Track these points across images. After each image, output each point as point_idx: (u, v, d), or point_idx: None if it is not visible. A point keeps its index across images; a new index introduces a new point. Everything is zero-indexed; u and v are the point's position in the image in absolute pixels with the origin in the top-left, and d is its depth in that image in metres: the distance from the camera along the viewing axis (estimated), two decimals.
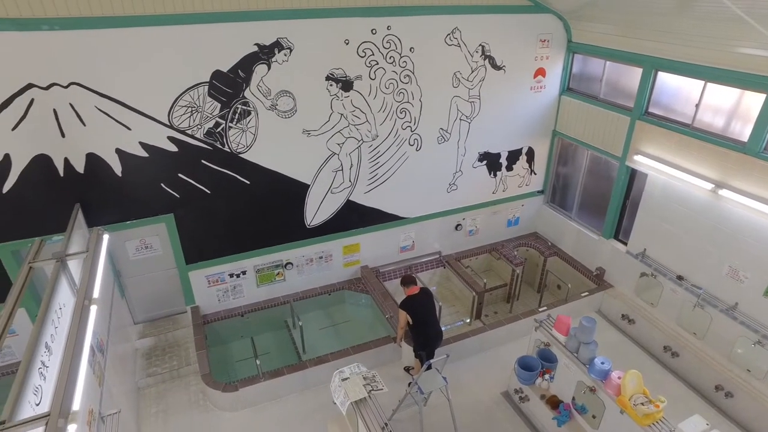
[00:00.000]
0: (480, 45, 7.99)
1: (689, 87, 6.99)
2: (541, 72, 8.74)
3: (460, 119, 8.51)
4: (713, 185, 6.59)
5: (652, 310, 7.90)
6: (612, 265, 8.70)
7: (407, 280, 6.75)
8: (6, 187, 6.10)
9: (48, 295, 4.39)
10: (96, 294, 5.01)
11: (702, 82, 6.73)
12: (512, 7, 7.90)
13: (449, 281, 9.71)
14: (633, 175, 8.14)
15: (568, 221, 9.63)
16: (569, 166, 9.70)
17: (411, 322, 6.58)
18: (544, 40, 8.46)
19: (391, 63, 7.49)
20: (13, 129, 5.85)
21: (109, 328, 6.20)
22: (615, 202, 8.43)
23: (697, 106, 6.87)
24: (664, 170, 7.27)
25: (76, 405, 3.52)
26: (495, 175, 9.45)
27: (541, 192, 10.17)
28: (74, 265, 5.28)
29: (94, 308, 4.76)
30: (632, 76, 7.80)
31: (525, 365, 6.50)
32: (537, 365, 6.43)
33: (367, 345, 7.49)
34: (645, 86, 7.46)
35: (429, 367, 6.29)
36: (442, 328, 6.92)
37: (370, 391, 4.97)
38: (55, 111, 5.98)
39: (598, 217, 9.08)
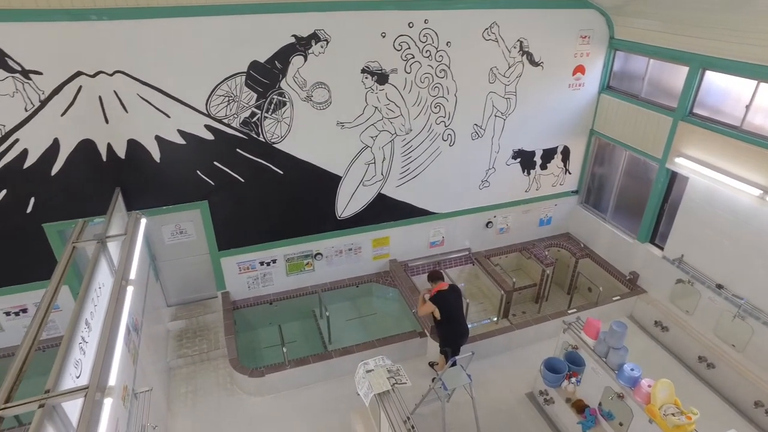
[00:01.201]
0: (518, 40, 7.84)
1: (739, 87, 6.68)
2: (580, 69, 8.52)
3: (495, 115, 8.39)
4: (761, 191, 6.30)
5: (687, 318, 7.65)
6: (646, 269, 8.45)
7: (435, 276, 6.71)
8: (54, 170, 6.38)
9: (89, 275, 4.57)
10: (133, 275, 5.18)
11: (754, 82, 6.42)
12: (553, 2, 7.72)
13: (478, 279, 9.63)
14: (673, 177, 7.87)
15: (603, 223, 9.39)
16: (606, 167, 9.45)
17: (438, 318, 6.56)
18: (585, 36, 8.24)
19: (427, 57, 7.44)
20: (62, 115, 6.11)
21: (143, 309, 6.41)
22: (652, 205, 8.18)
23: (747, 107, 6.56)
24: (707, 174, 7.00)
25: (112, 380, 3.66)
26: (528, 174, 9.29)
27: (576, 192, 9.95)
28: (113, 247, 5.47)
29: (130, 289, 4.93)
30: (677, 74, 7.51)
31: (551, 367, 6.41)
32: (564, 368, 6.33)
33: (393, 338, 7.52)
34: (690, 85, 7.18)
35: (454, 364, 6.27)
36: (469, 326, 6.88)
37: (393, 384, 4.99)
38: (100, 98, 6.19)
39: (633, 220, 8.83)
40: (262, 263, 8.29)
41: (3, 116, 5.91)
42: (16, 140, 6.09)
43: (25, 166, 6.25)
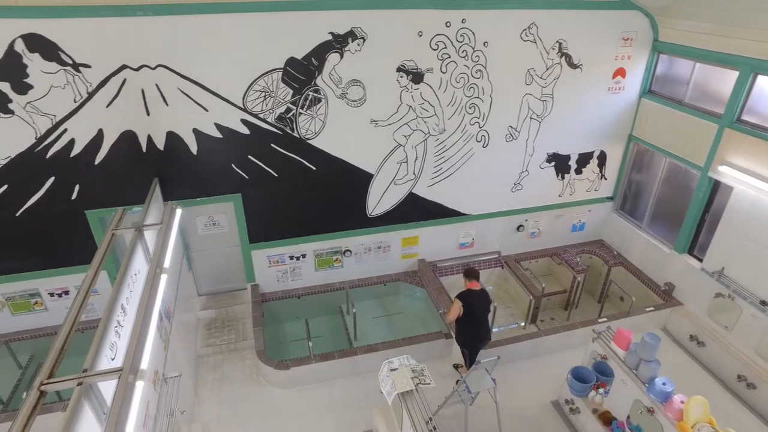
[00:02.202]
0: (557, 42, 7.70)
1: None
2: (620, 72, 8.30)
3: (531, 118, 8.26)
4: None
5: (726, 334, 7.35)
6: (683, 281, 8.16)
7: (472, 274, 6.63)
8: (98, 159, 6.64)
9: (126, 261, 4.72)
10: (167, 264, 5.32)
11: None
12: (595, 2, 7.54)
13: (506, 282, 9.51)
14: (716, 187, 7.58)
15: (638, 231, 9.13)
16: (644, 173, 9.18)
17: (461, 316, 6.50)
18: (627, 39, 8.01)
19: (464, 57, 7.38)
20: (107, 106, 6.34)
21: (176, 297, 6.59)
22: (692, 214, 7.89)
23: None
24: (754, 184, 6.69)
25: (144, 364, 3.77)
26: (563, 178, 9.12)
27: (611, 198, 9.70)
28: (149, 235, 5.63)
29: (164, 277, 5.06)
30: (725, 79, 7.22)
31: (579, 376, 6.27)
32: (591, 377, 6.18)
33: (418, 338, 7.50)
34: (740, 91, 6.89)
35: (474, 362, 6.19)
36: (495, 329, 6.81)
37: (417, 384, 4.98)
38: (142, 91, 6.40)
39: (671, 230, 8.54)
40: (291, 257, 8.40)
41: (54, 107, 6.19)
42: (65, 130, 6.36)
43: (72, 154, 6.53)
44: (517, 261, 9.42)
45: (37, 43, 5.80)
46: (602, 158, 9.15)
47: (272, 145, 7.30)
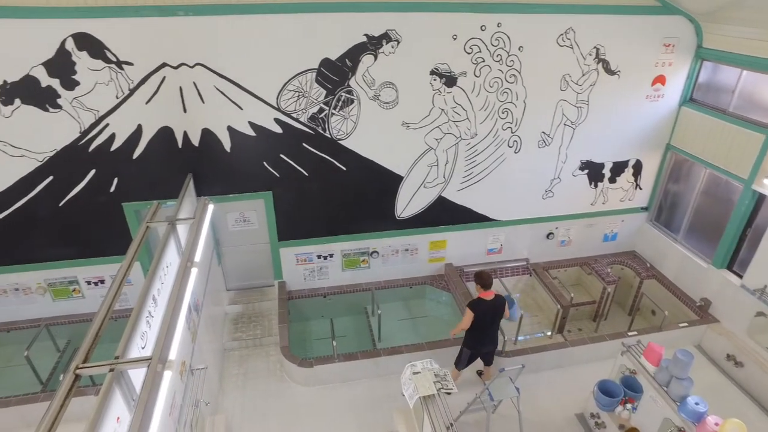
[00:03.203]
0: (594, 47, 7.54)
1: None
2: (660, 79, 8.07)
3: (565, 124, 8.11)
4: None
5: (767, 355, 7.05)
6: (720, 297, 7.86)
7: (484, 281, 6.32)
8: (136, 154, 6.86)
9: (158, 254, 4.86)
10: (197, 258, 5.44)
11: None
12: (636, 7, 7.36)
13: (534, 290, 9.37)
14: (760, 200, 7.28)
15: (673, 244, 8.85)
16: (681, 184, 8.89)
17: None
18: (669, 45, 7.79)
19: (498, 61, 7.32)
20: (147, 103, 6.55)
21: (205, 291, 6.73)
22: (733, 228, 7.60)
23: None
24: None
25: (173, 355, 3.87)
26: (596, 186, 8.92)
27: (646, 209, 9.43)
28: (182, 229, 5.78)
29: (194, 271, 5.18)
30: None
31: (606, 390, 6.11)
32: (619, 392, 6.02)
33: (443, 343, 7.45)
34: None
35: (475, 360, 6.07)
36: (520, 338, 6.70)
37: (439, 389, 4.95)
38: (180, 88, 6.58)
39: (709, 243, 8.25)
40: (319, 256, 8.48)
41: (98, 102, 6.44)
42: (107, 125, 6.61)
43: (112, 148, 6.77)
44: (545, 269, 9.27)
45: (85, 41, 6.05)
46: (638, 167, 8.91)
47: (304, 144, 7.39)
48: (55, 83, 6.21)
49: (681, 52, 7.91)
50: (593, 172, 8.74)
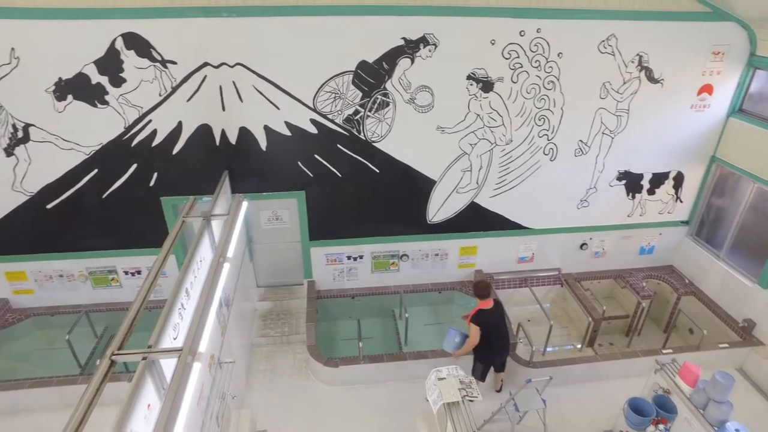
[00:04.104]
0: (637, 55, 7.34)
1: None
2: (707, 89, 7.78)
3: (603, 133, 7.92)
4: None
5: None
6: (766, 319, 7.51)
7: (482, 291, 6.27)
8: (175, 150, 7.07)
9: (193, 248, 4.99)
10: (230, 254, 5.56)
11: None
12: (684, 13, 7.11)
13: (565, 301, 9.17)
14: None
15: (715, 260, 8.50)
16: (726, 198, 8.54)
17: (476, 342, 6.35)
18: (718, 53, 7.50)
19: (536, 67, 7.21)
20: (188, 100, 6.76)
21: (236, 286, 6.87)
22: None
23: None
24: None
25: (202, 347, 3.96)
26: (633, 197, 8.67)
27: (686, 223, 9.10)
28: (216, 225, 5.92)
29: (226, 266, 5.29)
30: None
31: (637, 408, 5.92)
32: (651, 411, 5.81)
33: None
34: None
35: (485, 375, 6.01)
36: (549, 348, 6.57)
37: (464, 396, 4.91)
38: (220, 87, 6.75)
39: (755, 261, 7.87)
40: (349, 257, 8.54)
41: (143, 99, 6.68)
42: (150, 121, 6.84)
43: (154, 144, 7.00)
44: (577, 280, 9.06)
45: (133, 41, 6.29)
46: (679, 179, 8.61)
47: (338, 145, 7.46)
48: (104, 80, 6.48)
49: (731, 60, 7.60)
50: (631, 182, 8.50)
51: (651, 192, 8.66)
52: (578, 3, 6.81)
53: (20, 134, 6.69)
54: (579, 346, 8.26)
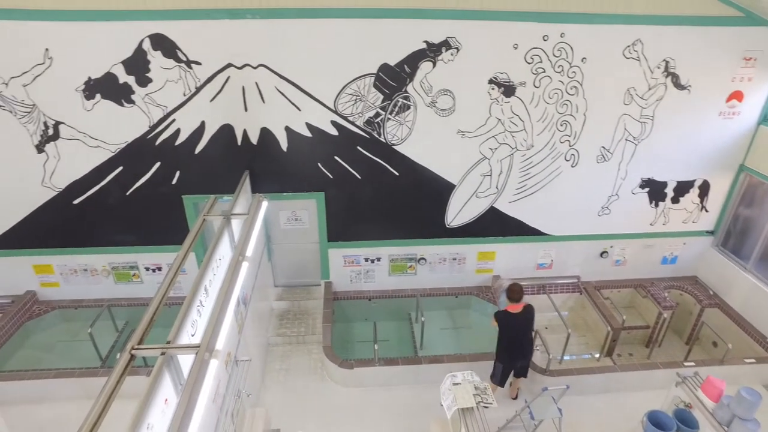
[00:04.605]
0: (664, 60, 7.20)
1: None
2: (736, 95, 7.60)
3: (626, 139, 7.79)
4: None
5: None
6: None
7: (513, 294, 6.27)
8: (198, 149, 7.19)
9: (212, 246, 5.06)
10: (249, 253, 5.61)
11: None
12: (714, 18, 6.94)
13: (583, 309, 9.03)
14: None
15: (742, 272, 8.28)
16: (754, 209, 8.32)
17: (499, 332, 6.43)
18: (750, 59, 7.30)
19: (559, 72, 7.14)
20: (211, 101, 6.86)
21: (254, 285, 6.94)
22: None
23: None
24: None
25: (220, 345, 4.01)
26: (656, 206, 8.50)
27: (711, 233, 8.89)
28: (236, 224, 5.99)
29: (245, 265, 5.34)
30: None
31: (656, 421, 5.80)
32: (671, 425, 5.69)
33: (485, 356, 7.30)
34: None
35: (505, 378, 5.94)
36: (566, 357, 6.48)
37: (479, 402, 4.87)
38: (243, 88, 6.84)
39: None
40: (366, 259, 8.55)
41: (167, 99, 6.81)
42: (173, 120, 6.97)
43: (177, 143, 7.12)
44: (597, 288, 8.92)
45: (160, 42, 6.42)
46: (704, 188, 8.42)
47: (359, 147, 7.49)
48: (130, 80, 6.63)
49: (764, 67, 7.40)
50: (655, 190, 8.34)
51: (675, 200, 8.49)
52: (604, 8, 6.72)
53: (51, 132, 6.88)
54: (597, 355, 8.13)
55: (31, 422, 6.44)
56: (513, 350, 6.48)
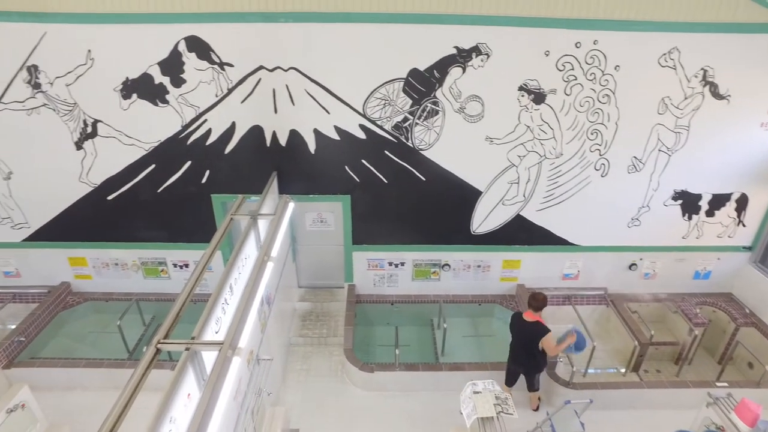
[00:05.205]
0: (702, 69, 7.00)
1: None
2: None
3: (659, 150, 7.59)
4: None
5: None
6: None
7: (533, 302, 6.22)
8: (228, 149, 7.33)
9: (239, 245, 5.14)
10: (274, 253, 5.68)
11: None
12: (758, 25, 6.70)
13: (609, 322, 8.82)
14: None
15: None
16: None
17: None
18: None
19: (591, 80, 7.02)
20: (242, 102, 6.99)
21: (278, 285, 7.02)
22: None
23: None
24: None
25: (243, 343, 4.07)
26: (689, 219, 8.25)
27: (749, 248, 8.57)
28: (262, 224, 6.07)
29: (270, 265, 5.41)
30: None
31: None
32: None
33: (505, 365, 7.22)
34: None
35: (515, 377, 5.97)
36: (590, 371, 6.35)
37: (499, 412, 4.81)
38: (273, 90, 6.95)
39: None
40: (390, 264, 8.56)
41: (200, 99, 6.97)
42: (205, 120, 7.13)
43: (208, 143, 7.28)
44: (624, 301, 8.70)
45: (194, 44, 6.58)
46: (742, 202, 8.13)
47: (386, 152, 7.51)
48: (165, 81, 6.81)
49: None
50: (688, 203, 8.10)
51: (710, 214, 8.22)
52: (639, 14, 6.58)
53: (89, 129, 7.13)
54: (623, 370, 7.92)
55: (62, 408, 6.66)
56: (512, 352, 6.60)
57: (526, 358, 6.43)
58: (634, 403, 7.02)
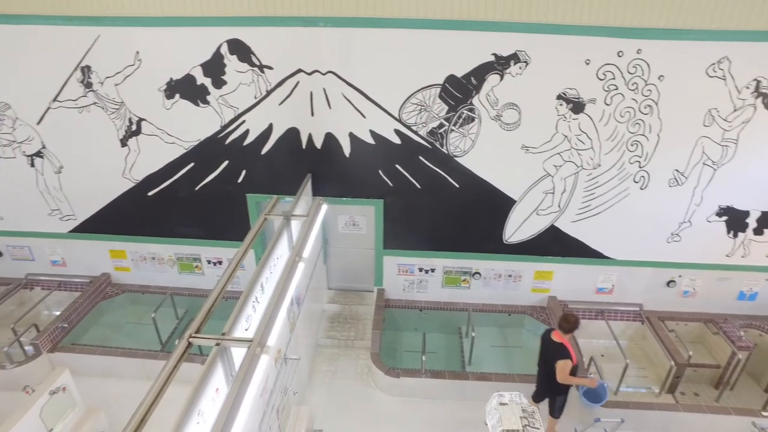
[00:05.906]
0: (755, 79, 6.69)
1: None
2: None
3: (704, 163, 7.30)
4: None
5: None
6: None
7: (563, 323, 5.94)
8: (264, 150, 7.48)
9: (271, 245, 5.23)
10: (306, 254, 5.73)
11: None
12: None
13: (644, 340, 8.52)
14: None
15: None
16: None
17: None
18: None
19: (633, 90, 6.82)
20: (280, 104, 7.12)
21: (308, 286, 7.09)
22: None
23: None
24: None
25: (271, 341, 4.12)
26: (735, 236, 7.89)
27: None
28: (295, 225, 6.15)
29: (301, 265, 5.46)
30: None
31: None
32: None
33: (535, 378, 7.06)
34: None
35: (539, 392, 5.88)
36: (622, 388, 6.13)
37: (525, 425, 4.72)
38: (311, 93, 7.05)
39: None
40: (420, 269, 8.53)
41: (239, 101, 7.15)
42: (243, 121, 7.29)
43: (245, 143, 7.45)
44: (661, 319, 8.39)
45: (236, 46, 6.75)
46: None
47: (420, 157, 7.51)
48: (207, 82, 7.02)
49: None
50: (734, 220, 7.75)
51: (758, 232, 7.85)
52: (687, 23, 6.36)
53: (134, 127, 7.41)
54: (657, 390, 7.63)
55: (98, 394, 6.91)
56: (538, 368, 6.42)
57: (545, 378, 6.26)
58: (669, 426, 6.76)
